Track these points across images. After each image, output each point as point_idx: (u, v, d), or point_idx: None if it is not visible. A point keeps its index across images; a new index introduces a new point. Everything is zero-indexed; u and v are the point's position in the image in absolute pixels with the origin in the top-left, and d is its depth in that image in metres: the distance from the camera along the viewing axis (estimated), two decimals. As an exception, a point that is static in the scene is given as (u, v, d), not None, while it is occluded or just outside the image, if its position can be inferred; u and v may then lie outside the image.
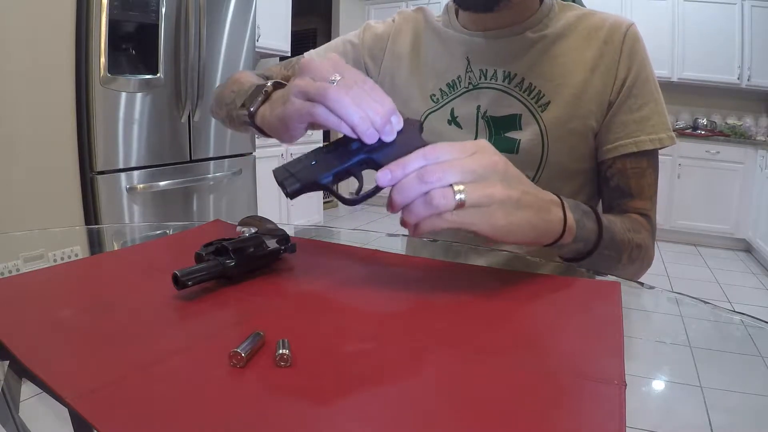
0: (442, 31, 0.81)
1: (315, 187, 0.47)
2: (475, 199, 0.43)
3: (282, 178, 0.47)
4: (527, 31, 0.74)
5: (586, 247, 0.59)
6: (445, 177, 0.42)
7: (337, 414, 0.30)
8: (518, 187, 0.46)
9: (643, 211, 0.73)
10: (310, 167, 0.48)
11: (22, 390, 0.34)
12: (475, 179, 0.43)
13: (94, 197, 2.05)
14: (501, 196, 0.44)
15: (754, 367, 0.45)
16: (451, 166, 0.43)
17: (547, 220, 0.50)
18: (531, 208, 0.47)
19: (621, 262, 0.65)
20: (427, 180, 0.42)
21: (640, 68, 0.71)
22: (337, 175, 0.48)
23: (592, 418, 0.31)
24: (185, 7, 2.17)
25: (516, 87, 0.75)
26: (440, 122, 0.81)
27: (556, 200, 0.53)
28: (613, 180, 0.74)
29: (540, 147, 0.74)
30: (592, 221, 0.59)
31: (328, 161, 0.48)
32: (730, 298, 2.94)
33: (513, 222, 0.45)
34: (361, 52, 0.87)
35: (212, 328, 0.41)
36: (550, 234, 0.52)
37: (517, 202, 0.45)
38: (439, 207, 0.42)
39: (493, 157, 0.45)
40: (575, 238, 0.56)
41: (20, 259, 0.62)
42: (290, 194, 0.47)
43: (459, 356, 0.37)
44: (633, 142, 0.71)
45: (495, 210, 0.44)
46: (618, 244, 0.64)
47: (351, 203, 0.49)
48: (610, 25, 0.72)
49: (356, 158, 0.47)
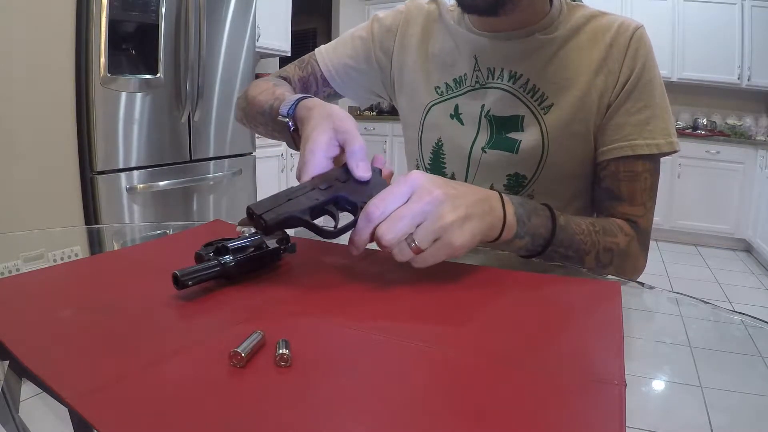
0: (453, 27, 0.80)
1: (292, 221, 0.49)
2: (429, 239, 0.49)
3: (261, 211, 0.48)
4: (537, 33, 0.73)
5: (534, 242, 0.60)
6: (397, 233, 0.48)
7: (336, 414, 0.30)
8: (461, 204, 0.50)
9: (630, 217, 0.72)
10: (287, 204, 0.50)
11: (22, 390, 0.34)
12: (423, 218, 0.48)
13: (94, 197, 2.05)
14: (450, 221, 0.49)
15: (754, 367, 0.45)
16: (398, 219, 0.48)
17: (490, 221, 0.54)
18: (476, 216, 0.52)
19: (585, 264, 0.65)
20: (383, 240, 0.48)
21: (642, 71, 0.70)
22: (313, 211, 0.51)
23: (592, 418, 0.31)
24: (185, 7, 2.17)
25: (520, 88, 0.75)
26: (443, 115, 0.81)
27: (495, 195, 0.57)
28: (605, 182, 0.74)
29: (540, 149, 0.74)
30: (542, 218, 0.61)
31: (302, 199, 0.51)
32: (730, 298, 2.94)
33: (467, 235, 0.50)
34: (372, 46, 0.87)
35: (212, 328, 0.41)
36: (494, 230, 0.55)
37: (465, 218, 0.50)
38: (401, 260, 0.49)
39: (431, 190, 0.49)
40: (517, 233, 0.58)
41: (20, 259, 0.62)
42: (268, 227, 0.48)
43: (459, 356, 0.37)
44: (628, 146, 0.70)
45: (450, 235, 0.49)
46: (578, 244, 0.64)
47: (330, 236, 0.52)
48: (618, 27, 0.71)
49: (330, 197, 0.52)
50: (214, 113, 2.45)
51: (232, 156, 2.60)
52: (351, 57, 0.87)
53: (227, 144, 2.56)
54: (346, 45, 0.87)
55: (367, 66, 0.87)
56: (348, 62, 0.87)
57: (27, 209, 1.86)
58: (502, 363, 0.36)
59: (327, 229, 0.51)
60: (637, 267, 0.72)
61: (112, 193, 2.08)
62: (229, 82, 2.50)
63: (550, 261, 0.63)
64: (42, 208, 1.91)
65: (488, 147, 0.77)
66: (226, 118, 2.52)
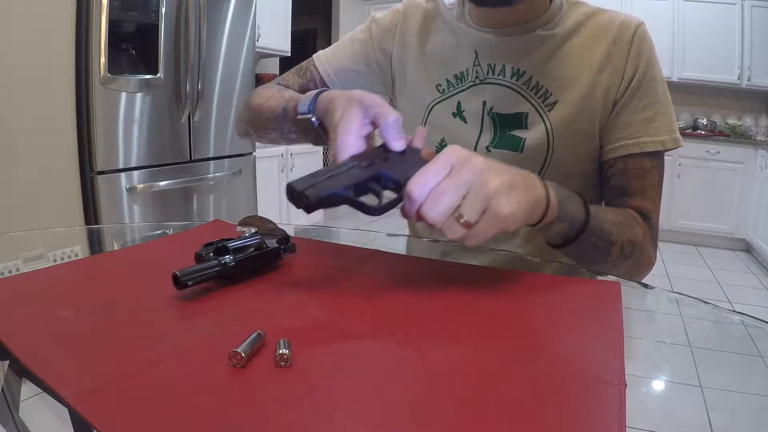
0: (453, 23, 0.80)
1: (335, 198, 0.47)
2: (477, 210, 0.46)
3: (302, 187, 0.45)
4: (538, 29, 0.73)
5: (571, 228, 0.59)
6: (442, 208, 0.45)
7: (336, 414, 0.30)
8: (504, 171, 0.48)
9: (642, 211, 0.72)
10: (328, 180, 0.47)
11: (22, 390, 0.34)
12: (467, 189, 0.46)
13: (94, 197, 2.05)
14: (495, 187, 0.46)
15: (754, 367, 0.45)
16: (441, 194, 0.45)
17: (534, 195, 0.52)
18: (521, 187, 0.49)
19: (611, 255, 0.65)
20: (428, 219, 0.46)
21: (646, 68, 0.70)
22: (356, 188, 0.48)
23: (592, 418, 0.31)
24: (185, 7, 2.17)
25: (524, 85, 0.74)
26: (445, 114, 0.80)
27: (534, 175, 0.54)
28: (614, 179, 0.73)
29: (545, 147, 0.74)
30: (577, 204, 0.59)
31: (344, 177, 0.48)
32: (730, 298, 2.94)
33: (513, 203, 0.48)
34: (371, 48, 0.86)
35: (212, 328, 0.41)
36: (538, 209, 0.53)
37: (509, 185, 0.48)
38: (454, 238, 0.47)
39: (471, 159, 0.47)
40: (558, 216, 0.56)
41: (20, 259, 0.62)
42: (311, 204, 0.45)
43: (459, 356, 0.37)
44: (635, 143, 0.71)
45: (497, 203, 0.46)
46: (606, 234, 0.63)
47: (375, 212, 0.49)
48: (619, 24, 0.72)
49: (372, 173, 0.50)
50: (214, 113, 2.45)
51: (232, 156, 2.60)
52: (350, 60, 0.86)
53: (227, 144, 2.56)
54: (345, 48, 0.87)
55: (367, 68, 0.87)
56: (348, 65, 0.86)
57: (27, 209, 1.86)
58: (502, 363, 0.36)
59: (371, 206, 0.49)
60: (651, 261, 0.72)
61: (112, 193, 2.08)
62: (229, 82, 2.50)
63: (576, 254, 0.62)
64: (42, 208, 1.91)
65: (493, 146, 0.77)
66: (226, 118, 2.52)
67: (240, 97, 2.56)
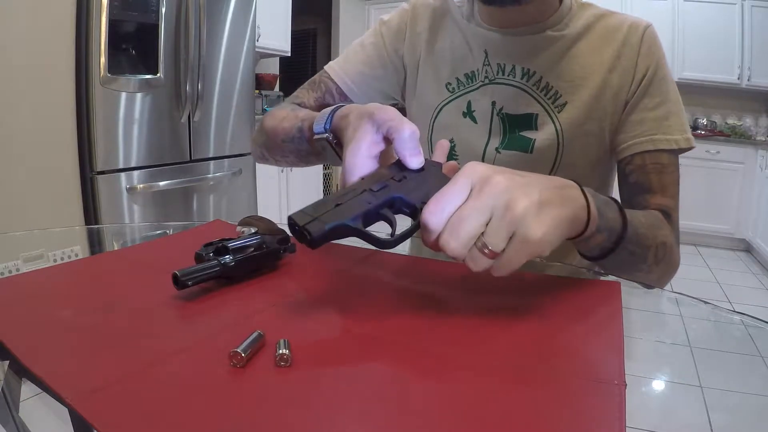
0: (462, 22, 0.79)
1: (342, 231, 0.41)
2: (503, 237, 0.40)
3: (304, 222, 0.40)
4: (548, 30, 0.73)
5: (610, 238, 0.53)
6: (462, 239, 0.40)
7: (336, 414, 0.30)
8: (533, 189, 0.42)
9: (664, 209, 0.69)
10: (335, 210, 0.42)
11: (22, 390, 0.34)
12: (490, 213, 0.40)
13: (94, 197, 2.05)
14: (522, 209, 0.40)
15: (754, 367, 0.46)
16: (460, 222, 0.40)
17: (572, 210, 0.45)
18: (555, 203, 0.43)
19: (647, 262, 0.60)
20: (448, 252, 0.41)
21: (657, 68, 0.71)
22: (366, 217, 0.43)
23: (592, 418, 0.31)
24: (185, 7, 2.17)
25: (534, 86, 0.74)
26: (455, 115, 0.79)
27: (572, 183, 0.48)
28: (632, 176, 0.72)
29: (555, 148, 0.73)
30: (613, 210, 0.53)
31: (353, 204, 0.43)
32: (730, 298, 2.94)
33: (546, 224, 0.41)
34: (384, 50, 0.84)
35: (212, 328, 0.41)
36: (577, 223, 0.47)
37: (539, 203, 0.41)
38: (479, 270, 0.41)
39: (493, 178, 0.41)
40: (598, 227, 0.50)
41: (20, 259, 0.62)
42: (315, 240, 0.40)
43: (459, 356, 0.37)
44: (649, 140, 0.70)
45: (526, 227, 0.40)
46: (642, 239, 0.58)
47: (388, 245, 0.43)
48: (629, 26, 0.72)
49: (385, 199, 0.44)
50: (214, 113, 2.45)
51: (232, 156, 2.60)
52: (365, 64, 0.84)
53: (227, 144, 2.56)
54: (357, 54, 0.85)
55: (383, 71, 0.85)
56: (363, 70, 0.84)
57: (27, 209, 1.86)
58: (502, 363, 0.36)
59: (383, 239, 0.43)
60: (678, 263, 0.68)
61: (112, 193, 2.08)
62: (229, 82, 2.50)
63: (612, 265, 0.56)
64: (42, 208, 1.91)
65: (502, 147, 0.76)
66: (226, 118, 2.52)
67: (240, 97, 2.56)
